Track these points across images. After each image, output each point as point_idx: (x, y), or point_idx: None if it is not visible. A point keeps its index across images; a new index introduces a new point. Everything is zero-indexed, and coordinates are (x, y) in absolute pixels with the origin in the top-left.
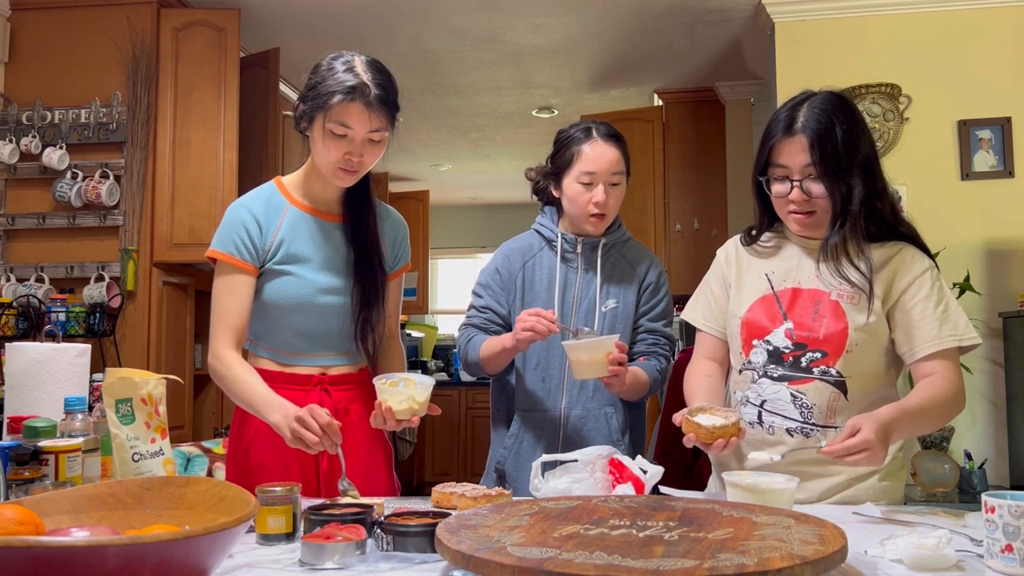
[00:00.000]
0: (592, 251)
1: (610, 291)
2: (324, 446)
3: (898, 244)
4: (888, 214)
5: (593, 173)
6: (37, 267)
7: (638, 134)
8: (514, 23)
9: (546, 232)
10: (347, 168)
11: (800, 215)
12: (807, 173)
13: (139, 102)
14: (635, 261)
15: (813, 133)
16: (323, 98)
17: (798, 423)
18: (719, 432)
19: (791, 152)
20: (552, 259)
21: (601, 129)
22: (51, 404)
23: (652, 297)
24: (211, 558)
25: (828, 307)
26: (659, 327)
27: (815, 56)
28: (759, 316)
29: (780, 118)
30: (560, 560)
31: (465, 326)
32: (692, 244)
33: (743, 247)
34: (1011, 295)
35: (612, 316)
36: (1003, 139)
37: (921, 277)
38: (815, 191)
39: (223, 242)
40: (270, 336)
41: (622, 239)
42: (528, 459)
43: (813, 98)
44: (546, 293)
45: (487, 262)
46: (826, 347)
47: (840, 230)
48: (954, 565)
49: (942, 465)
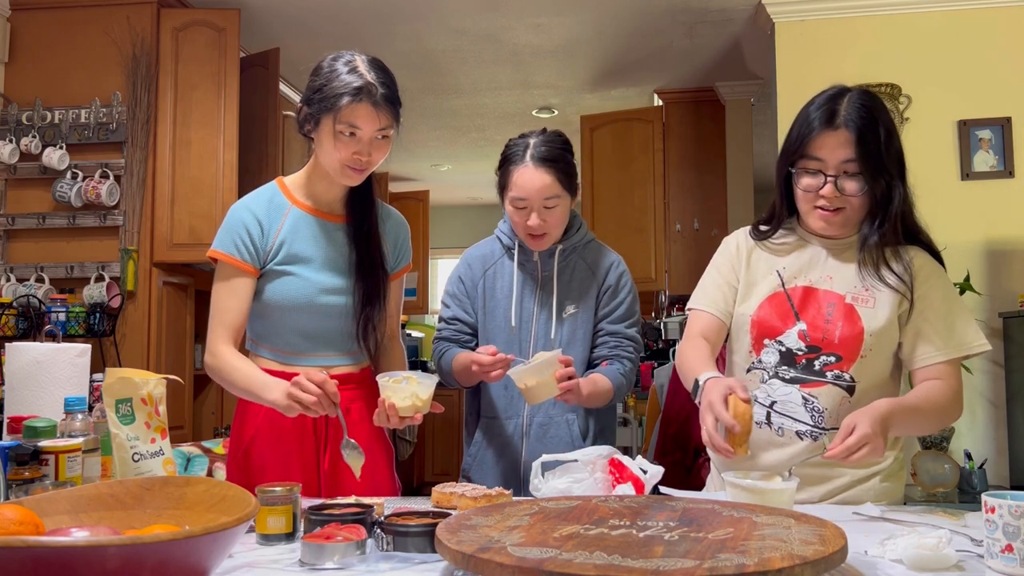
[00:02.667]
0: (549, 257)
1: (569, 296)
2: (323, 406)
3: (912, 248)
4: (912, 219)
5: (524, 199)
6: (37, 267)
7: (638, 134)
8: (514, 23)
9: (504, 239)
10: (356, 167)
11: (827, 212)
12: (844, 169)
13: (139, 102)
14: (595, 264)
15: (857, 128)
16: (330, 100)
17: (808, 426)
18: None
19: (831, 146)
20: (511, 267)
21: (538, 151)
22: (51, 404)
23: (612, 299)
24: (211, 558)
25: (842, 310)
26: (621, 329)
27: (815, 56)
28: (770, 315)
29: (818, 110)
30: (560, 560)
31: (437, 339)
32: (692, 244)
33: (754, 241)
34: (1011, 295)
35: (572, 322)
36: (1003, 139)
37: (935, 285)
38: (850, 188)
39: (224, 242)
40: (272, 336)
41: (582, 242)
42: (492, 466)
43: (851, 93)
44: (506, 301)
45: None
46: (841, 351)
47: (879, 229)
48: (954, 565)
49: (942, 465)
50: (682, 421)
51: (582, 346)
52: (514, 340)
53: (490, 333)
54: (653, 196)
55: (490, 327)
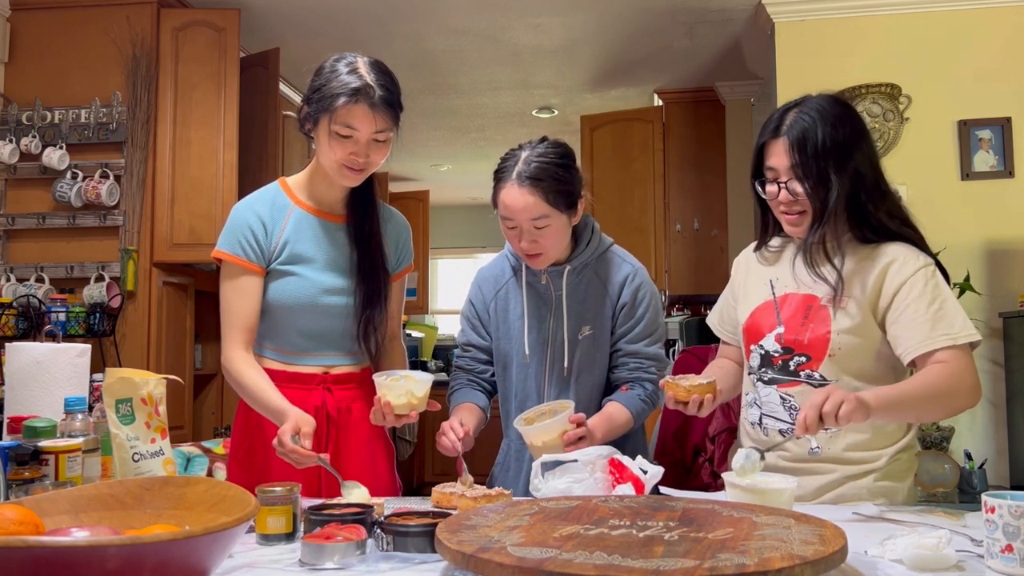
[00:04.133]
0: (558, 277)
1: (584, 317)
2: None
3: (892, 245)
4: (880, 216)
5: (511, 219)
6: (37, 267)
7: (638, 134)
8: (514, 23)
9: (511, 259)
10: (353, 167)
11: (792, 216)
12: (791, 174)
13: (139, 102)
14: (609, 280)
15: (794, 135)
16: (328, 100)
17: (788, 424)
18: (695, 389)
19: (777, 154)
20: (521, 288)
21: (525, 168)
22: (51, 404)
23: (629, 318)
24: (211, 558)
25: (817, 312)
26: (640, 348)
27: (815, 56)
28: (757, 322)
29: (768, 122)
30: (560, 560)
31: (454, 368)
32: (692, 244)
33: (753, 254)
34: (1011, 295)
35: (589, 344)
36: (1003, 139)
37: (914, 277)
38: (797, 191)
39: (229, 243)
40: (274, 335)
41: (594, 256)
42: (514, 477)
43: (806, 102)
44: (518, 323)
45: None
46: (810, 351)
47: (819, 230)
48: (954, 565)
49: (942, 465)
50: (682, 421)
51: (599, 370)
52: (529, 368)
53: (504, 359)
54: (653, 196)
55: (504, 352)
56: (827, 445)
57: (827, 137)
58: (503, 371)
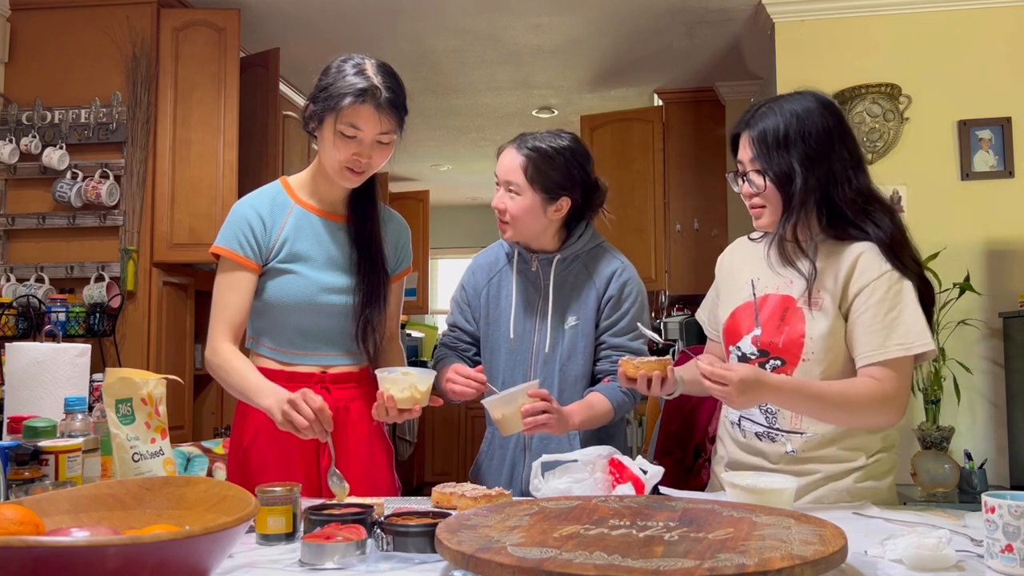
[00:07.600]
0: (548, 266)
1: (570, 307)
2: (315, 432)
3: (863, 245)
4: (849, 211)
5: (496, 177)
6: (37, 267)
7: (638, 134)
8: (514, 23)
9: (505, 246)
10: (354, 168)
11: (753, 209)
12: (752, 167)
13: (139, 102)
14: (597, 273)
15: (756, 128)
16: (334, 100)
17: (763, 427)
18: (643, 366)
19: (742, 147)
20: (514, 276)
21: (527, 141)
22: (51, 404)
23: (614, 311)
24: (211, 558)
25: (793, 314)
26: (624, 342)
27: (815, 56)
28: (735, 323)
29: (743, 116)
30: (560, 560)
31: (439, 345)
32: (692, 244)
33: (737, 253)
34: (1011, 295)
35: (573, 334)
36: (1003, 139)
37: (876, 281)
38: (757, 182)
39: (227, 239)
40: (272, 334)
41: (585, 249)
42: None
43: (782, 98)
44: (508, 311)
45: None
46: (784, 355)
47: (787, 223)
48: (954, 565)
49: (942, 465)
50: (683, 419)
51: (583, 360)
52: (516, 354)
53: (493, 345)
54: (653, 196)
55: (493, 338)
56: (802, 448)
57: (789, 130)
58: (491, 356)
